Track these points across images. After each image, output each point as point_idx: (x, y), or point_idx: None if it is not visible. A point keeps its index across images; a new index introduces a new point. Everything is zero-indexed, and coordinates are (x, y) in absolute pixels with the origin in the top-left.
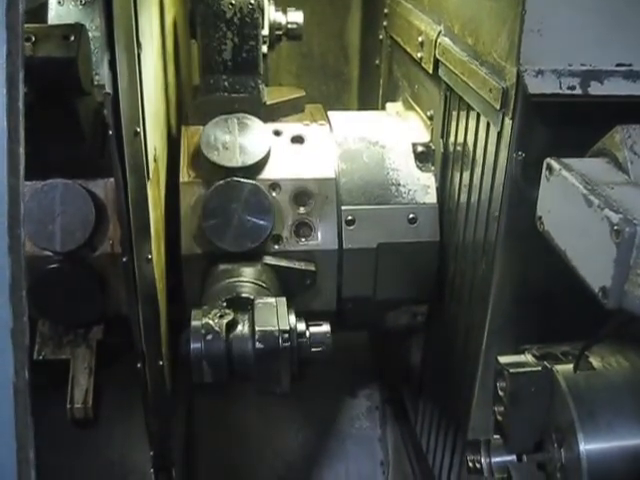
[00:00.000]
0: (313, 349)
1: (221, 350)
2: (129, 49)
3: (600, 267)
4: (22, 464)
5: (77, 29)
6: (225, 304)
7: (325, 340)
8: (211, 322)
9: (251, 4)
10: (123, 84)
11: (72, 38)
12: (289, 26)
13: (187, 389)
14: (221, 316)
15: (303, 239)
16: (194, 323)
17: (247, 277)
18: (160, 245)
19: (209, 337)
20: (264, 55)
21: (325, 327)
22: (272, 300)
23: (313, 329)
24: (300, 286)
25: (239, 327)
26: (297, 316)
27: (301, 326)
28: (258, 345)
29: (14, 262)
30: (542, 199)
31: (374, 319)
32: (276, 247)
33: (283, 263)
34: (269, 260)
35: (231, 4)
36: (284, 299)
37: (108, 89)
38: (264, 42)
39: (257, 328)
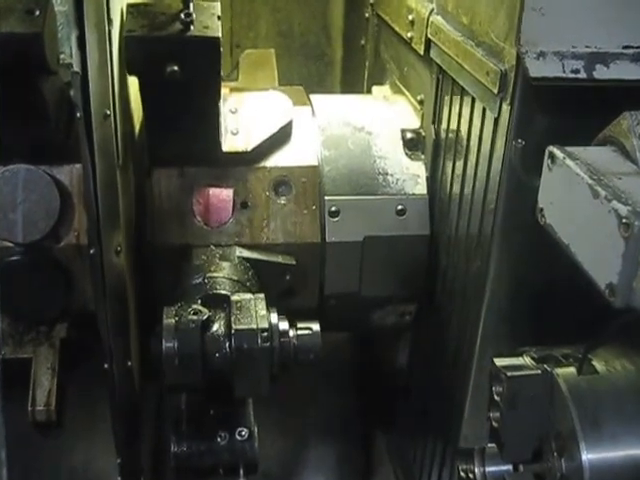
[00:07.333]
0: (299, 352)
1: (195, 350)
2: (99, 26)
3: (607, 262)
4: None
5: (42, 3)
6: (200, 302)
7: (313, 341)
8: (185, 320)
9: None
10: (92, 63)
11: (37, 12)
12: None
13: (156, 391)
14: (195, 313)
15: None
16: (166, 321)
17: (224, 273)
18: (130, 236)
19: (182, 337)
20: None
21: (314, 326)
22: (250, 297)
23: (300, 330)
24: (280, 283)
25: (215, 326)
26: (280, 315)
27: (284, 325)
28: (235, 345)
29: None
30: (544, 190)
31: (359, 318)
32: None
33: (261, 256)
34: (244, 253)
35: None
36: (262, 295)
37: (76, 68)
38: None
39: (234, 327)
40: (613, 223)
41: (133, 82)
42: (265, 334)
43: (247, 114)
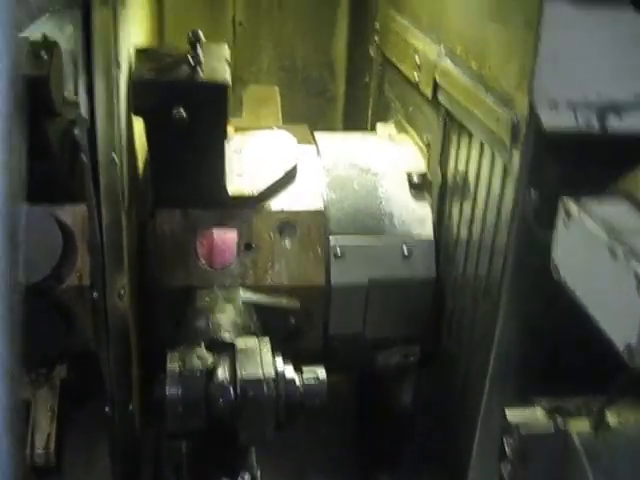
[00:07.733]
0: (305, 398)
1: (200, 397)
2: (107, 70)
3: (625, 323)
4: None
5: (50, 45)
6: (204, 346)
7: (319, 387)
8: (189, 366)
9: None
10: (100, 108)
11: (44, 55)
12: None
13: (156, 433)
14: (200, 359)
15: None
16: (170, 367)
17: (227, 316)
18: (133, 277)
19: (187, 383)
20: None
21: (319, 371)
22: (255, 342)
23: (305, 375)
24: (284, 326)
25: (219, 372)
26: (285, 358)
27: (289, 371)
28: (240, 393)
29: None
30: (558, 245)
31: (363, 360)
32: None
33: (265, 300)
34: (249, 296)
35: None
36: (267, 339)
37: (83, 112)
38: None
39: (239, 374)
40: (632, 283)
41: (138, 121)
42: (271, 382)
43: (252, 155)
